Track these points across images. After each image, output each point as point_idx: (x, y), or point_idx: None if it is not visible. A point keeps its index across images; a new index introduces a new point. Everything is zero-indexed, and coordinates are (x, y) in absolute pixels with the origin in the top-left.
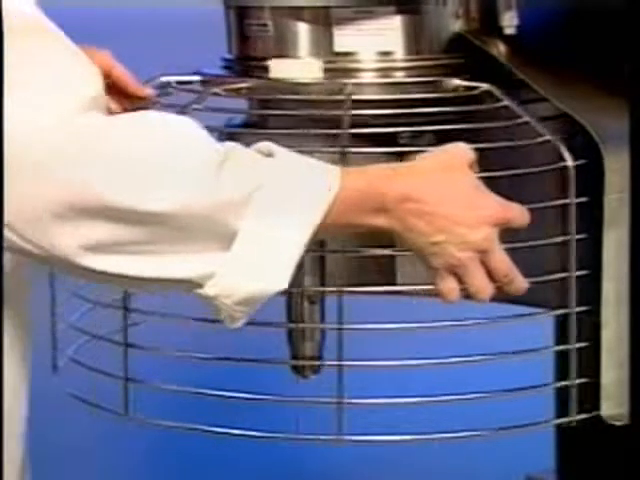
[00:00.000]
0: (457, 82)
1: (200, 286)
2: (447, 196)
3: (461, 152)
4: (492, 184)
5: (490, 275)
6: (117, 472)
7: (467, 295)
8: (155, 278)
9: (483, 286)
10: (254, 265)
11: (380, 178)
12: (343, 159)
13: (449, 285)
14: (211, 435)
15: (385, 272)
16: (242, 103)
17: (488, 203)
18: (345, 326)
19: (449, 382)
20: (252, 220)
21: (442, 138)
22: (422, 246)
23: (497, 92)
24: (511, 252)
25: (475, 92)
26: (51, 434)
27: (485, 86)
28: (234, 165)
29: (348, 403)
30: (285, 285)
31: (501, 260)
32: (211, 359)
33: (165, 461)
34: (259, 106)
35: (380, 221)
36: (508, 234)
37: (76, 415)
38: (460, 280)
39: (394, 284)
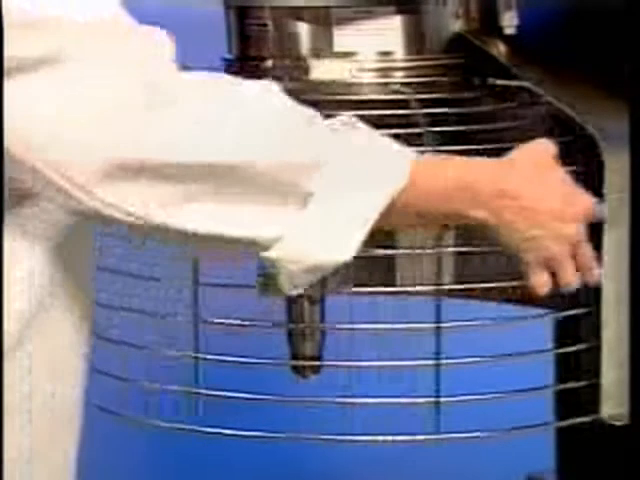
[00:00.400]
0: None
1: (266, 248)
2: (544, 192)
3: (546, 148)
4: None
5: (576, 266)
6: (117, 472)
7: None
8: (223, 236)
9: (573, 278)
10: (323, 232)
11: (472, 171)
12: None
13: (542, 279)
14: (210, 436)
15: (385, 272)
16: None
17: (581, 198)
18: (348, 326)
19: (449, 382)
20: (325, 186)
21: (455, 137)
22: (516, 242)
23: (535, 89)
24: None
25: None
26: None
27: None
28: (311, 129)
29: (446, 402)
30: (350, 256)
31: (587, 252)
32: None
33: (165, 461)
34: None
35: (476, 214)
36: None
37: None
38: (552, 273)
39: (394, 284)
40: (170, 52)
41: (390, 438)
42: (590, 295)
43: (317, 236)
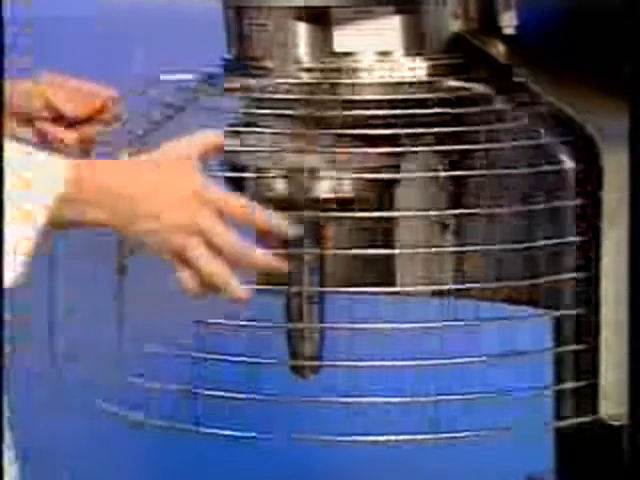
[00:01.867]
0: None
1: None
2: (162, 189)
3: (189, 146)
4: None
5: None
6: (117, 472)
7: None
8: None
9: (217, 268)
10: None
11: (97, 172)
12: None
13: (184, 275)
14: (211, 437)
15: (385, 272)
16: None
17: (210, 190)
18: (348, 325)
19: (450, 383)
20: None
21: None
22: (148, 240)
23: (535, 89)
24: (512, 253)
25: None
26: (51, 434)
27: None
28: None
29: (444, 400)
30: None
31: (228, 239)
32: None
33: (165, 462)
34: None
35: (95, 215)
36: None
37: (76, 415)
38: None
39: (394, 284)
40: None
41: (393, 438)
42: (589, 295)
43: None
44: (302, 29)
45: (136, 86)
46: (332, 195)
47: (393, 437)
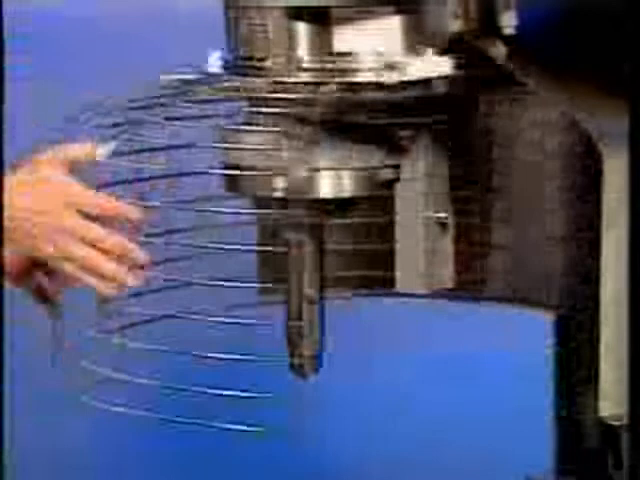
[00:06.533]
0: None
1: None
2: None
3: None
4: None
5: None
6: (118, 472)
7: None
8: None
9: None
10: None
11: None
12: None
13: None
14: (207, 435)
15: (385, 272)
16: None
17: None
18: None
19: (454, 381)
20: None
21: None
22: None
23: (535, 89)
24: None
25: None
26: (50, 434)
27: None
28: None
29: None
30: None
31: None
32: (213, 358)
33: (166, 462)
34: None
35: None
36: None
37: (75, 415)
38: None
39: (393, 284)
40: None
41: None
42: (589, 295)
43: None
44: (302, 29)
45: (136, 86)
46: (332, 195)
47: None
